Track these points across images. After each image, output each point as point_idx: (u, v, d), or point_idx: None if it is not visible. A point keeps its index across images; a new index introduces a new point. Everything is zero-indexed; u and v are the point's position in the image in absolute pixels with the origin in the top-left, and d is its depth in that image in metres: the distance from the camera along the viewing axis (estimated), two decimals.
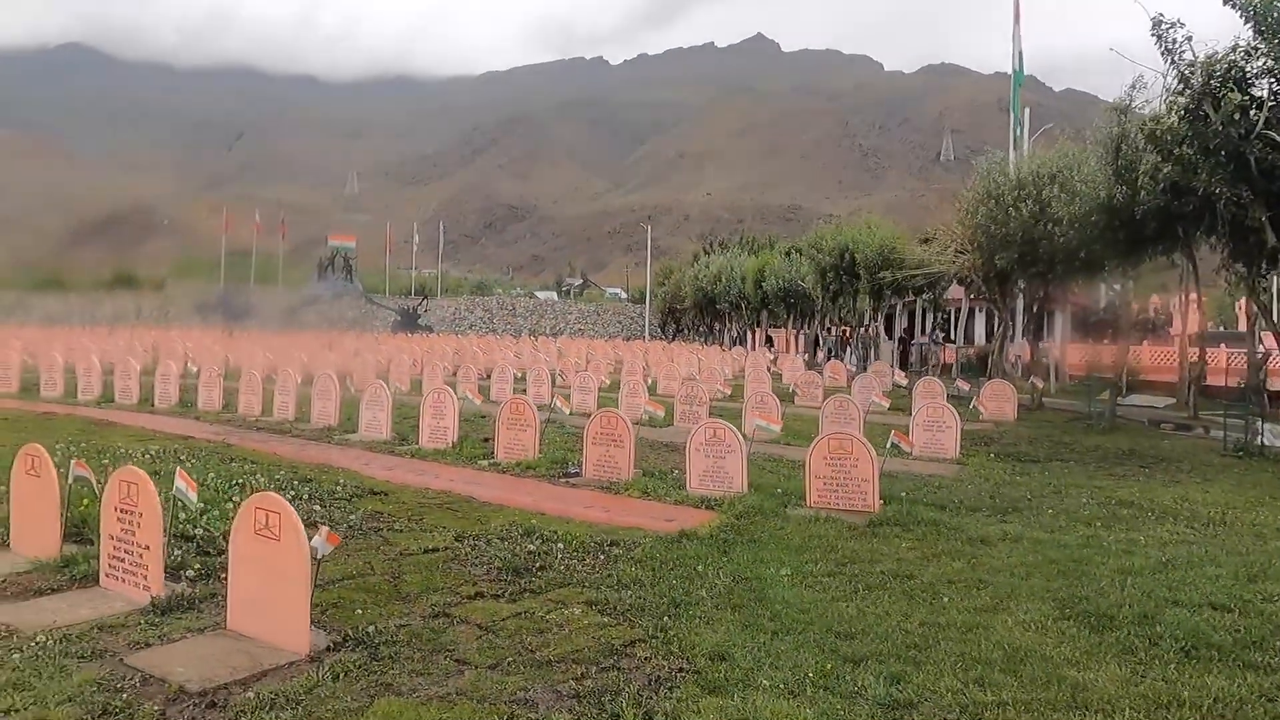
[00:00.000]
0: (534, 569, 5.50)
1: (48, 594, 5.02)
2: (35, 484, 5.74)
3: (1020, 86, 41.38)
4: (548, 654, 4.12)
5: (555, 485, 8.65)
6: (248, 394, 13.46)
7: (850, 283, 24.12)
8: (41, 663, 3.91)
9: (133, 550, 5.03)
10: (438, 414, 10.61)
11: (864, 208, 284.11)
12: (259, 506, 4.40)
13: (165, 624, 4.50)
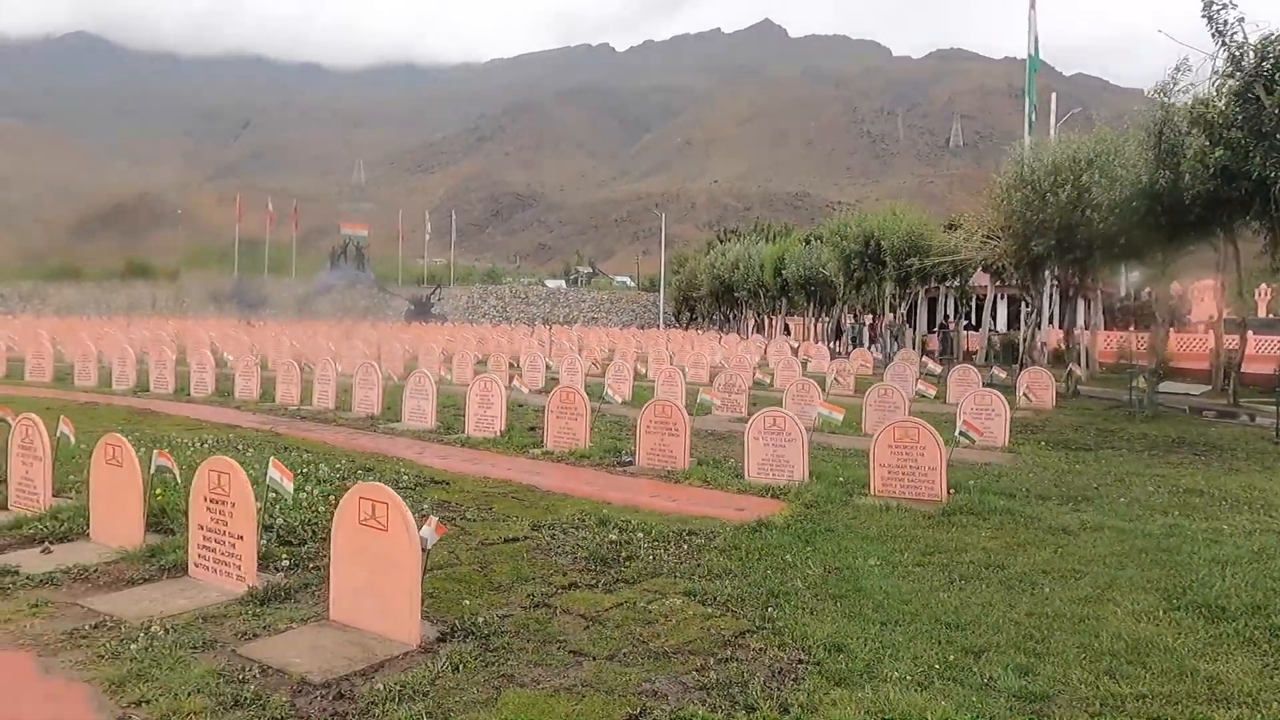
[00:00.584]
0: (620, 559, 5.46)
1: (140, 583, 5.00)
2: (116, 474, 5.73)
3: (1036, 71, 41.05)
4: (660, 645, 4.08)
5: (612, 474, 8.61)
6: (285, 383, 13.45)
7: (875, 270, 23.96)
8: (158, 653, 3.88)
9: (224, 540, 5.01)
10: (484, 403, 10.58)
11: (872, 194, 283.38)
12: (364, 497, 4.37)
13: (266, 615, 4.48)
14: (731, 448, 10.21)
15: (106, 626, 4.28)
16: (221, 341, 22.63)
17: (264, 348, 21.44)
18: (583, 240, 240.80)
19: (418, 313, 56.45)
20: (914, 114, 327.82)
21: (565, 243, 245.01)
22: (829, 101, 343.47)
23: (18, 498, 6.47)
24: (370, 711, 3.40)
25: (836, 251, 26.06)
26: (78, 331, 23.03)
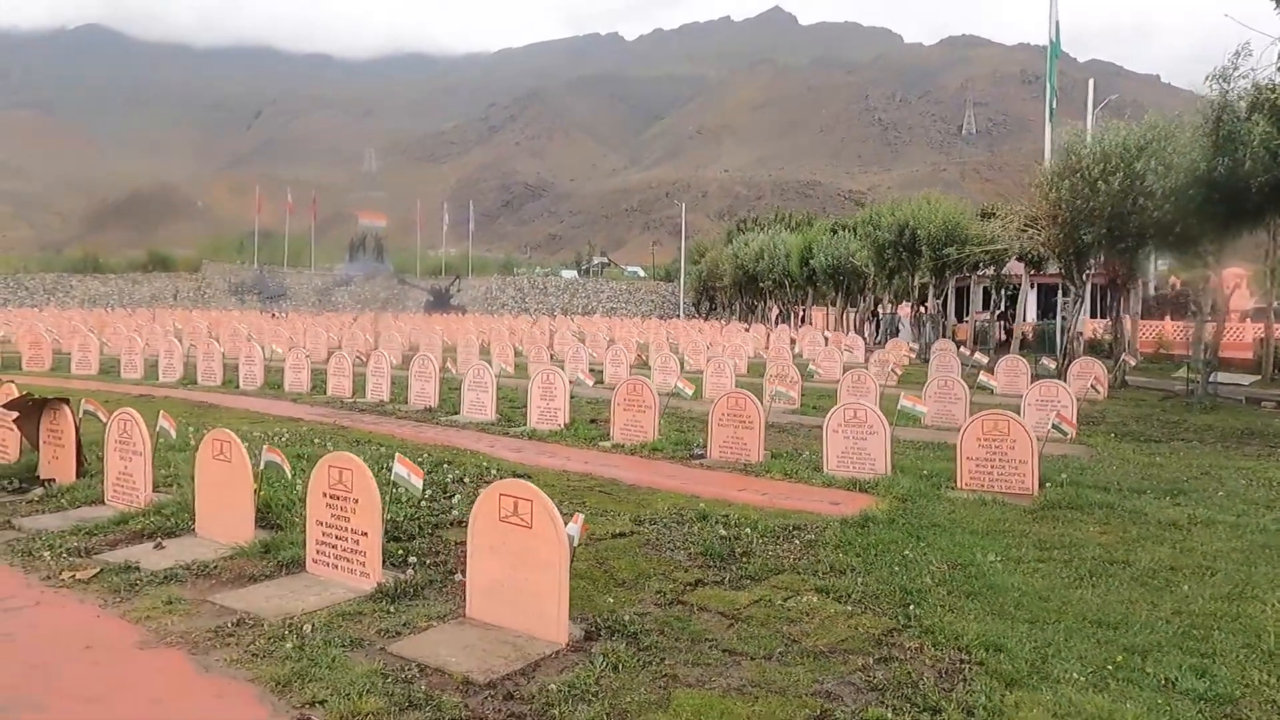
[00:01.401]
0: (736, 555, 5.41)
1: (261, 580, 4.98)
2: (224, 469, 5.71)
3: (1057, 57, 40.59)
4: (813, 644, 4.02)
5: (689, 467, 8.56)
6: (337, 376, 13.45)
7: (910, 259, 23.77)
8: (313, 652, 3.85)
9: (345, 536, 4.98)
10: (547, 395, 10.53)
11: (884, 183, 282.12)
12: (505, 494, 4.32)
13: (401, 612, 4.44)
14: (797, 440, 10.16)
15: (248, 624, 4.25)
16: (258, 334, 22.67)
17: (303, 340, 21.47)
18: (594, 230, 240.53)
19: (437, 304, 56.51)
20: (926, 101, 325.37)
21: (576, 232, 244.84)
22: (840, 89, 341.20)
23: (115, 492, 6.47)
24: (547, 713, 3.35)
25: (869, 241, 25.86)
26: (117, 324, 23.11)
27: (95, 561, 5.20)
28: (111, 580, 4.85)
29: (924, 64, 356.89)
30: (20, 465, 7.52)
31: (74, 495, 6.61)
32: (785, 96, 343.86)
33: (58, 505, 6.46)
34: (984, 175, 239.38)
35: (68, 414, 7.04)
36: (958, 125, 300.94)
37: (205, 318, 30.92)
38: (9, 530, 5.87)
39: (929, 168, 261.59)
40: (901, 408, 8.49)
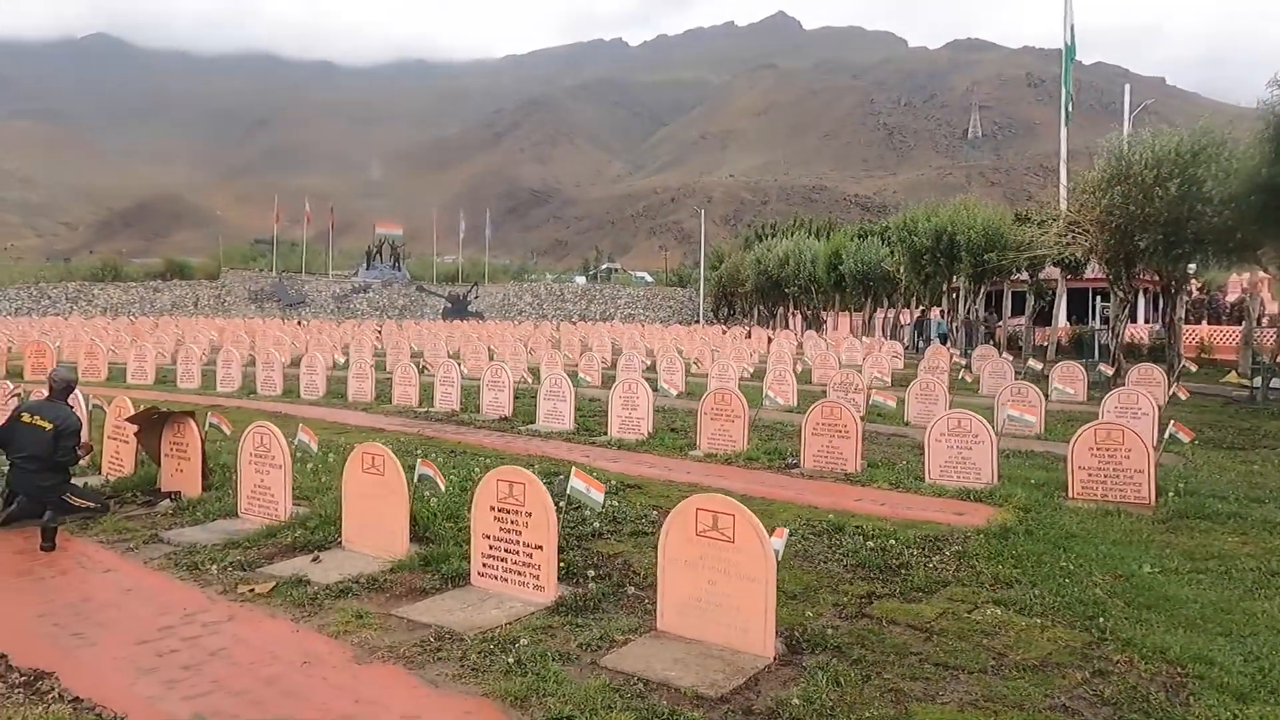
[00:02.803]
0: (893, 567, 5.43)
1: (432, 593, 5.01)
2: (375, 482, 5.75)
3: (1072, 61, 40.57)
4: (1020, 657, 4.05)
5: (790, 477, 8.58)
6: (403, 385, 13.49)
7: (948, 265, 23.79)
8: (531, 666, 3.89)
9: (516, 550, 5.01)
10: (629, 404, 10.57)
11: (889, 187, 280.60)
12: (702, 508, 4.35)
13: (589, 625, 4.47)
14: (881, 448, 10.17)
15: (448, 638, 4.28)
16: (298, 342, 22.73)
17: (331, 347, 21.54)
18: (599, 235, 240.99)
19: (455, 311, 56.63)
20: (931, 105, 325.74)
21: (582, 238, 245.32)
22: (845, 93, 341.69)
23: (250, 505, 6.51)
24: None
25: (903, 247, 25.89)
26: (160, 333, 23.18)
27: (261, 575, 5.24)
28: (290, 594, 4.89)
29: (929, 68, 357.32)
30: (138, 478, 7.57)
31: (207, 508, 6.65)
32: (789, 101, 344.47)
33: (194, 518, 6.50)
34: (990, 179, 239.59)
35: (193, 427, 7.08)
36: (963, 129, 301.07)
37: (241, 326, 31.02)
38: (159, 544, 5.91)
39: (935, 172, 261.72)
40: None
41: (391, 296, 58.27)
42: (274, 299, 55.65)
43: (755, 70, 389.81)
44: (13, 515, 6.23)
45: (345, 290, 58.30)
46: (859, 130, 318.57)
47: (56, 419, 6.38)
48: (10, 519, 6.22)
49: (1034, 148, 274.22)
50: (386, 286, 58.95)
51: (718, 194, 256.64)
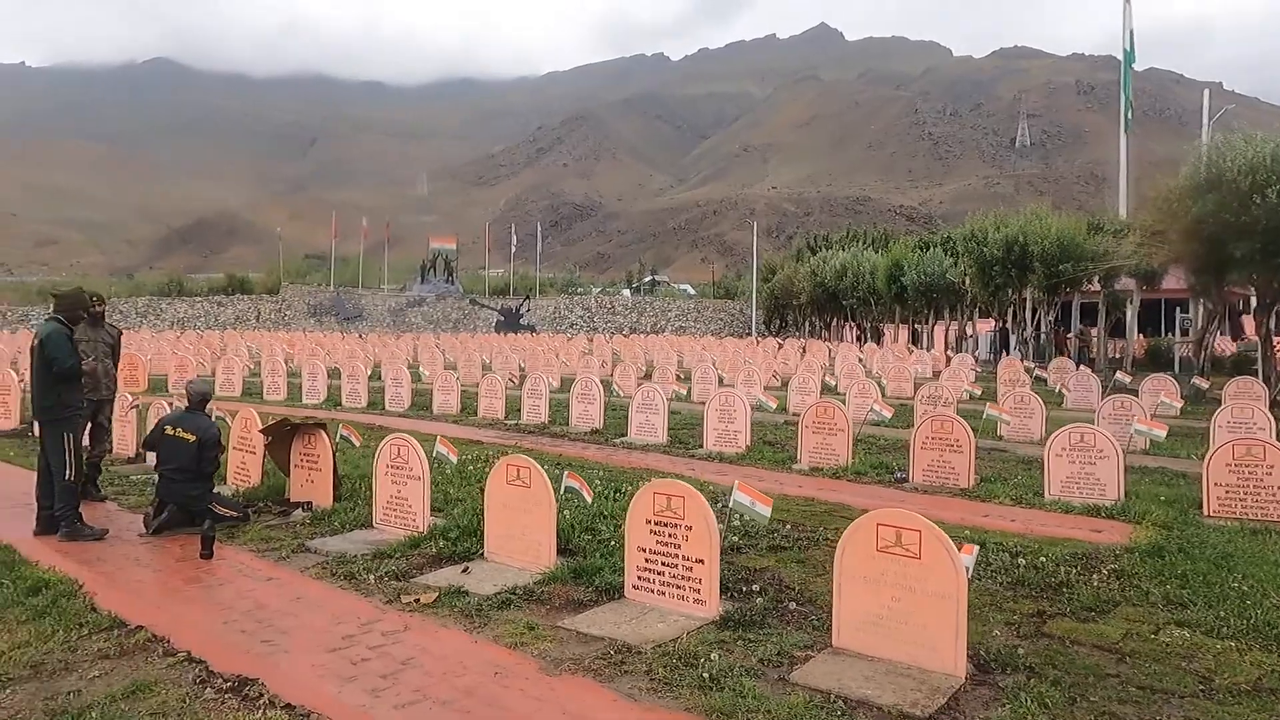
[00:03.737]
0: (1054, 584, 5.30)
1: (590, 606, 5.02)
2: (520, 493, 5.79)
3: (1131, 66, 39.58)
4: (1229, 681, 3.90)
5: (904, 491, 8.46)
6: (488, 397, 13.63)
7: (1019, 276, 23.34)
8: (727, 681, 3.86)
9: (675, 563, 5.00)
10: (726, 418, 10.53)
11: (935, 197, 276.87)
12: (883, 524, 4.29)
13: (762, 640, 4.42)
14: (984, 463, 9.96)
15: (627, 651, 4.28)
16: (370, 354, 23.12)
17: (423, 361, 21.84)
18: (641, 249, 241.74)
19: (508, 324, 57.17)
20: (977, 114, 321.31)
21: (624, 252, 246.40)
22: (889, 104, 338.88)
23: (385, 516, 6.61)
24: None
25: (971, 258, 25.47)
26: (239, 345, 23.76)
27: (418, 585, 5.31)
28: (453, 604, 4.95)
29: (975, 76, 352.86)
30: (266, 488, 7.75)
31: (342, 518, 6.78)
32: (832, 112, 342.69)
33: (332, 528, 6.62)
34: (1038, 188, 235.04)
35: (325, 439, 7.23)
36: (1010, 138, 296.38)
37: (312, 340, 31.73)
38: (307, 553, 6.03)
39: (982, 181, 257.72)
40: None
41: (445, 310, 59.09)
42: (332, 313, 56.84)
43: (797, 82, 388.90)
44: (164, 524, 6.42)
45: (401, 304, 59.30)
46: (904, 141, 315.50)
47: (197, 430, 6.57)
48: (162, 527, 6.41)
49: (1083, 155, 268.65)
50: (440, 300, 59.81)
51: (760, 206, 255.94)
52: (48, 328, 6.42)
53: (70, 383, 6.39)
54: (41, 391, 6.33)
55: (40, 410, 6.39)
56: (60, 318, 6.53)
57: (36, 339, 6.40)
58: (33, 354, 6.43)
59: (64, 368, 6.28)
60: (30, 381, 6.62)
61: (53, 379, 6.29)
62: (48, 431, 6.37)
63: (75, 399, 6.46)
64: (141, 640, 4.38)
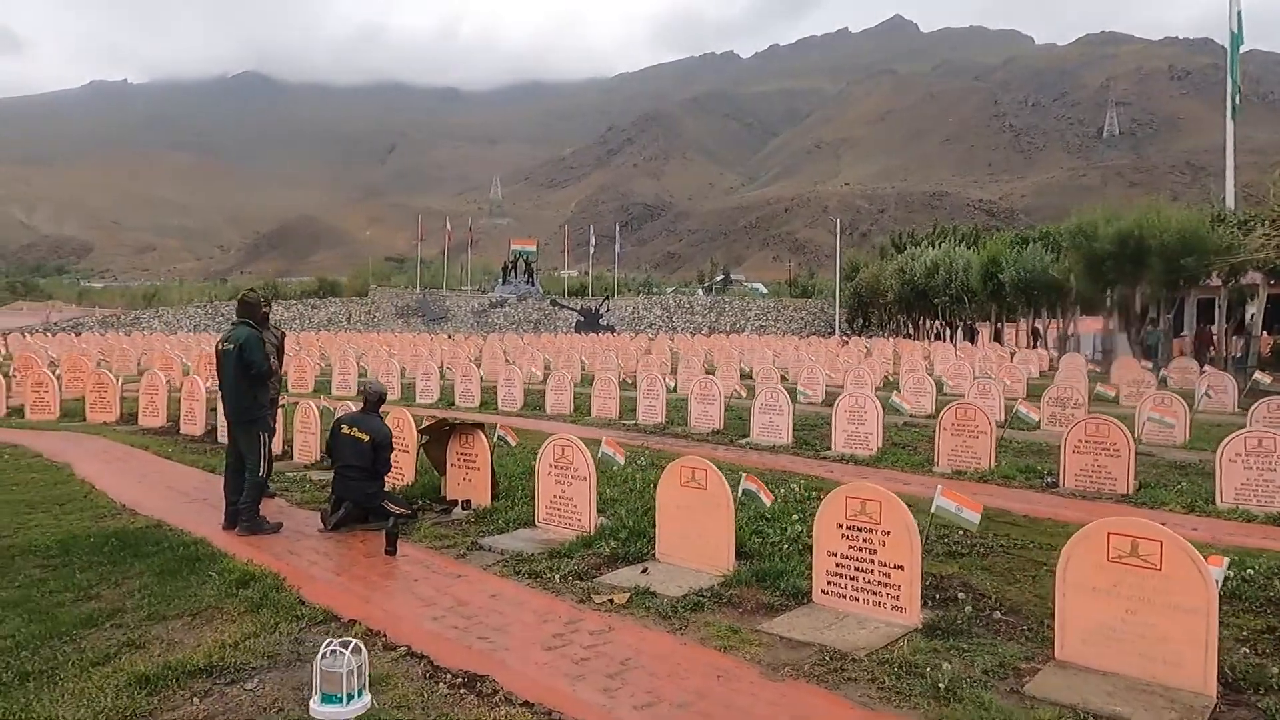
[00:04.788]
0: (1276, 600, 4.99)
1: (781, 611, 4.95)
2: (696, 495, 5.77)
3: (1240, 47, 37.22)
4: None
5: (1059, 496, 8.14)
6: (602, 398, 13.73)
7: (1134, 272, 22.27)
8: (962, 692, 3.75)
9: (870, 569, 4.89)
10: (855, 419, 10.34)
11: (1017, 191, 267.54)
12: (1115, 532, 4.11)
13: (977, 651, 4.27)
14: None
15: (841, 657, 4.20)
16: (450, 356, 23.59)
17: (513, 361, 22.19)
18: (712, 248, 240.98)
19: (587, 324, 57.69)
20: (1062, 104, 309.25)
21: (694, 251, 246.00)
22: (966, 96, 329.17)
23: (548, 515, 6.69)
24: None
25: (1079, 253, 24.45)
26: (345, 346, 24.57)
27: (602, 585, 5.34)
28: (645, 605, 4.95)
29: (1059, 65, 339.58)
30: (421, 486, 7.95)
31: (506, 517, 6.88)
32: (907, 106, 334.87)
33: (498, 527, 6.73)
34: (1129, 179, 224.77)
35: (482, 438, 7.37)
36: (1098, 127, 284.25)
37: (409, 341, 32.63)
38: (482, 551, 6.14)
39: (1066, 173, 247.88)
40: None
41: (526, 311, 59.99)
42: (419, 314, 58.37)
43: (871, 76, 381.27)
44: (341, 520, 6.64)
45: (483, 305, 60.48)
46: (982, 133, 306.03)
47: (371, 431, 6.78)
48: (340, 523, 6.63)
49: (1178, 144, 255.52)
50: (521, 301, 60.76)
51: (833, 203, 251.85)
52: (243, 332, 6.71)
53: (264, 384, 6.69)
54: (239, 394, 6.62)
55: (238, 411, 6.67)
56: (250, 322, 6.82)
57: (231, 344, 6.67)
58: (224, 358, 6.71)
59: (261, 370, 6.58)
60: (222, 385, 6.89)
61: (249, 381, 6.58)
62: (243, 431, 6.65)
63: (267, 399, 6.76)
64: (359, 634, 4.51)
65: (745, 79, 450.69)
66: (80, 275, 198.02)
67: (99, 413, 13.25)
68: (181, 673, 3.99)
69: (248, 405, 6.65)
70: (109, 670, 4.04)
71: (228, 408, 6.82)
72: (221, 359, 6.75)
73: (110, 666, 4.09)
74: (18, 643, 4.38)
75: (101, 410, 13.25)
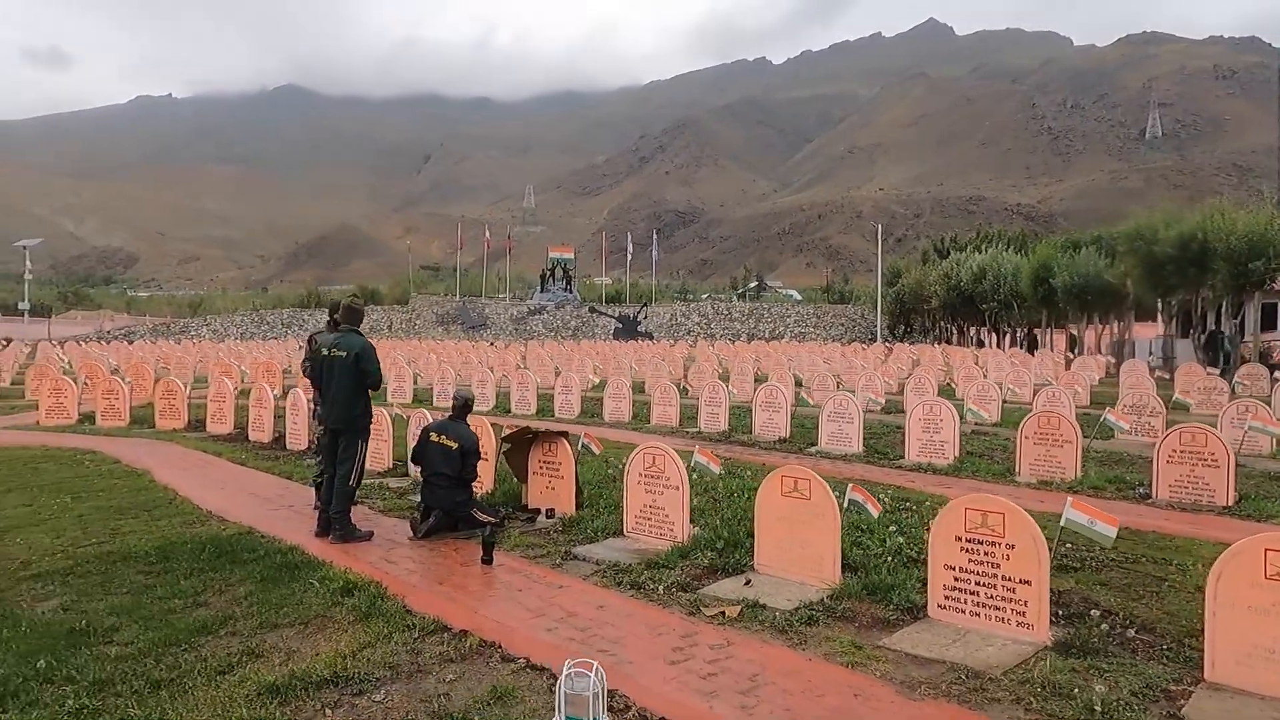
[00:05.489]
0: None
1: (898, 625, 4.80)
2: (799, 506, 5.64)
3: None
4: None
5: (1155, 508, 7.86)
6: (662, 405, 13.64)
7: (1197, 276, 21.65)
8: (1110, 713, 3.58)
9: (992, 583, 4.72)
10: (931, 428, 10.12)
11: (1056, 194, 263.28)
12: (1273, 549, 3.91)
13: (1117, 671, 4.09)
14: None
15: (977, 676, 4.05)
16: (513, 362, 23.65)
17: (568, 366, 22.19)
18: (745, 254, 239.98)
19: (625, 331, 57.73)
20: (1102, 105, 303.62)
21: (727, 258, 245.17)
22: (1003, 99, 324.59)
23: (637, 525, 6.60)
24: None
25: (1137, 257, 23.85)
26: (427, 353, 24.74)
27: (707, 597, 5.23)
28: (757, 618, 4.84)
29: (1098, 66, 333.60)
30: (499, 495, 7.91)
31: (594, 526, 6.81)
32: (942, 110, 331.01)
33: (587, 536, 6.65)
34: (1172, 181, 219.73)
35: (567, 446, 7.31)
36: (1140, 129, 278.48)
37: (465, 348, 32.88)
38: (577, 560, 6.07)
39: (1107, 176, 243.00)
40: None
41: (564, 318, 60.21)
42: (458, 322, 58.87)
43: (905, 80, 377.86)
44: (431, 529, 6.62)
45: (522, 312, 60.82)
46: (1020, 136, 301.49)
47: (459, 438, 6.75)
48: (429, 532, 6.61)
49: (1224, 145, 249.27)
50: (560, 308, 61.00)
51: (867, 209, 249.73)
52: (358, 341, 6.66)
53: (372, 393, 6.70)
54: (349, 401, 6.59)
55: (346, 419, 6.62)
56: (357, 329, 6.82)
57: (342, 351, 6.61)
58: (332, 364, 6.64)
59: (377, 381, 6.60)
60: (324, 391, 6.82)
61: (361, 389, 6.59)
62: (346, 439, 6.64)
63: (371, 407, 6.77)
64: (474, 645, 4.45)
65: (777, 85, 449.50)
66: (127, 285, 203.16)
67: (167, 419, 13.46)
68: (308, 683, 3.96)
69: (359, 413, 6.65)
70: (235, 680, 4.02)
71: (334, 414, 6.67)
72: (328, 365, 6.67)
73: (236, 676, 4.07)
74: (140, 650, 4.39)
75: (170, 417, 13.46)
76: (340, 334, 6.82)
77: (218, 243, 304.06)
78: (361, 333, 6.85)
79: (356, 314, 6.91)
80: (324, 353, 6.74)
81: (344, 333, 6.79)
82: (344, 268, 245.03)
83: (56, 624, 4.78)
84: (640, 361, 23.88)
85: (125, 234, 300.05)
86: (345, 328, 6.83)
